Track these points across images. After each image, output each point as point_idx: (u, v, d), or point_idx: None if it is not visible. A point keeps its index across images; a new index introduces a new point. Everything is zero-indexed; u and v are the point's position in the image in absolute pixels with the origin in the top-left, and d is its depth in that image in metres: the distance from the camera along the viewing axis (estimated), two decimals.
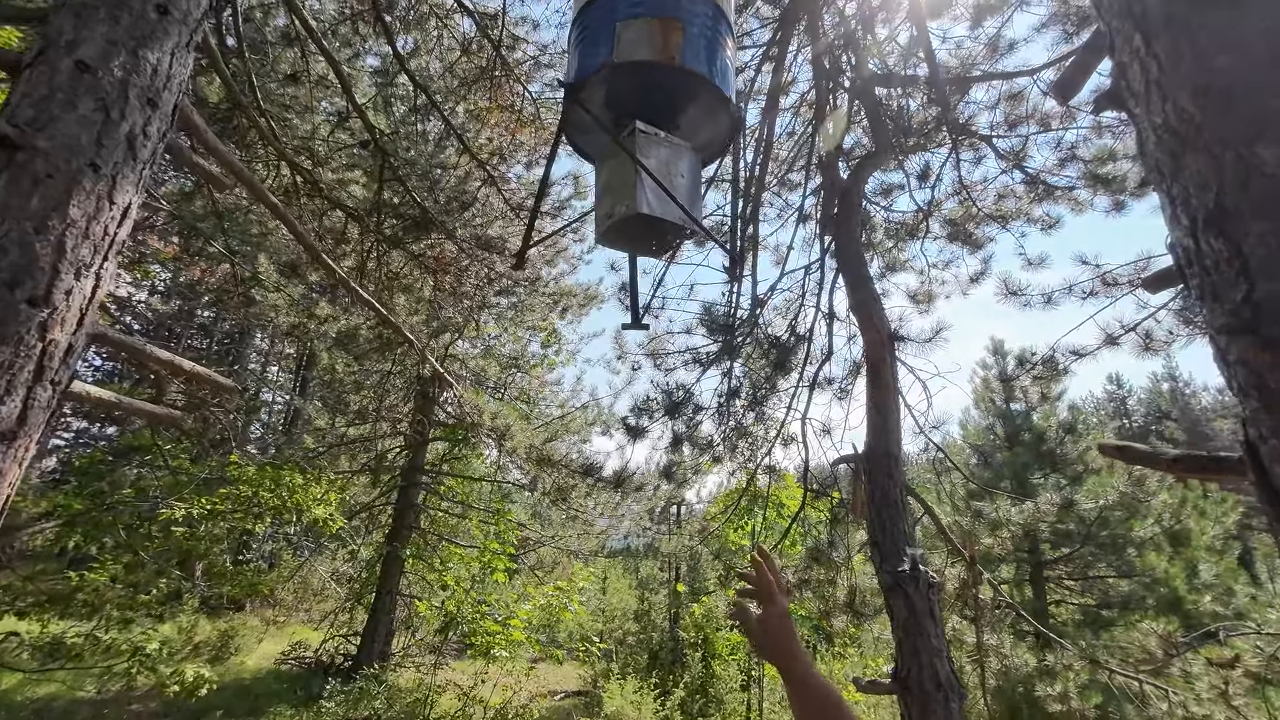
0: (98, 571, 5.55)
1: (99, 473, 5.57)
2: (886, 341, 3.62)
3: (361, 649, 7.78)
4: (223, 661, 7.96)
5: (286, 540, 12.82)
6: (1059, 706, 4.33)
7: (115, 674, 5.51)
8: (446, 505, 9.19)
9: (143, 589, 5.50)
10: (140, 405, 2.39)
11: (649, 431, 4.76)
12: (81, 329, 1.93)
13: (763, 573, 1.09)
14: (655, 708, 7.30)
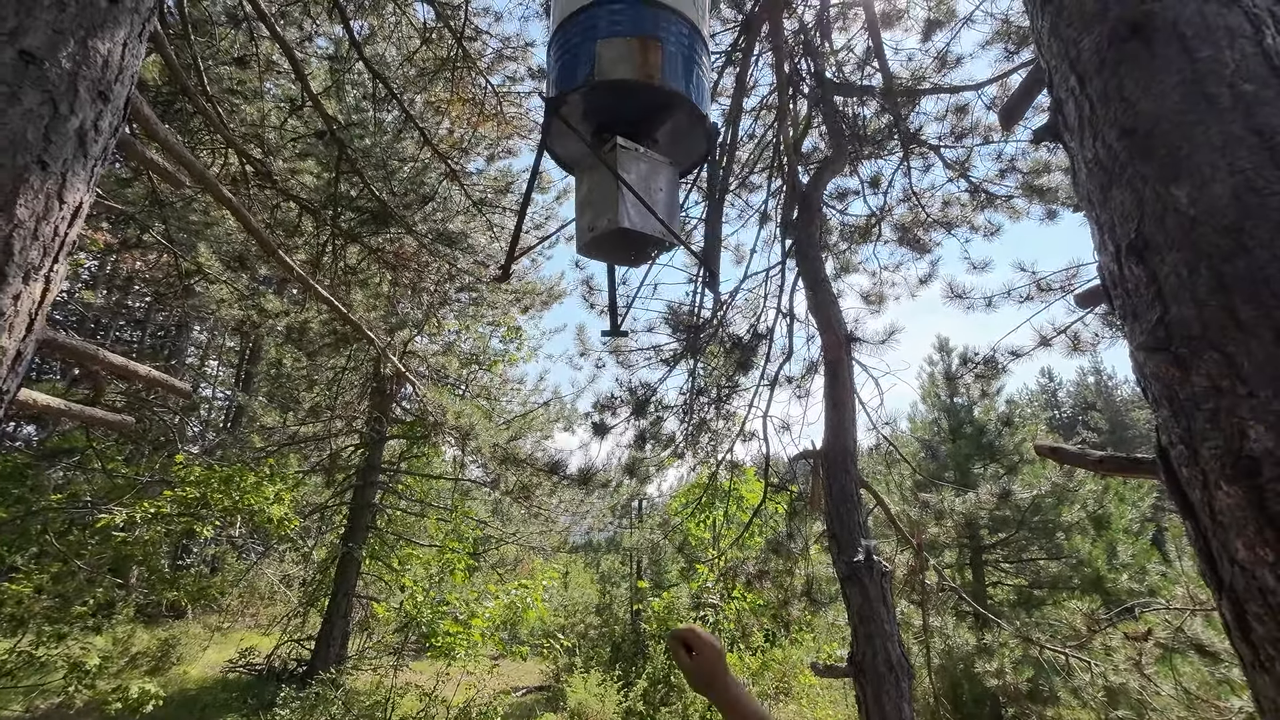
0: (20, 583, 5.18)
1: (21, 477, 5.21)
2: (844, 343, 3.79)
3: (316, 654, 7.56)
4: (164, 672, 7.58)
5: (230, 543, 12.24)
6: (995, 681, 4.67)
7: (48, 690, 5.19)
8: (405, 504, 9.00)
9: (74, 599, 5.19)
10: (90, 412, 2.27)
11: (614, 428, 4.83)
12: (31, 335, 1.83)
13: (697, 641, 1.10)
14: (618, 699, 7.42)
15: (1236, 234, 1.12)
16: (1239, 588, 1.18)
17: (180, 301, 8.99)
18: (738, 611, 4.65)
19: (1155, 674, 4.02)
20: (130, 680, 4.60)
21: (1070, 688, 4.72)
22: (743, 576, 4.60)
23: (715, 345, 4.80)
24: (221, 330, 16.40)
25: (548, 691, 8.93)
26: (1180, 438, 1.35)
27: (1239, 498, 1.10)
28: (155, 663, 7.73)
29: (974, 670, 4.95)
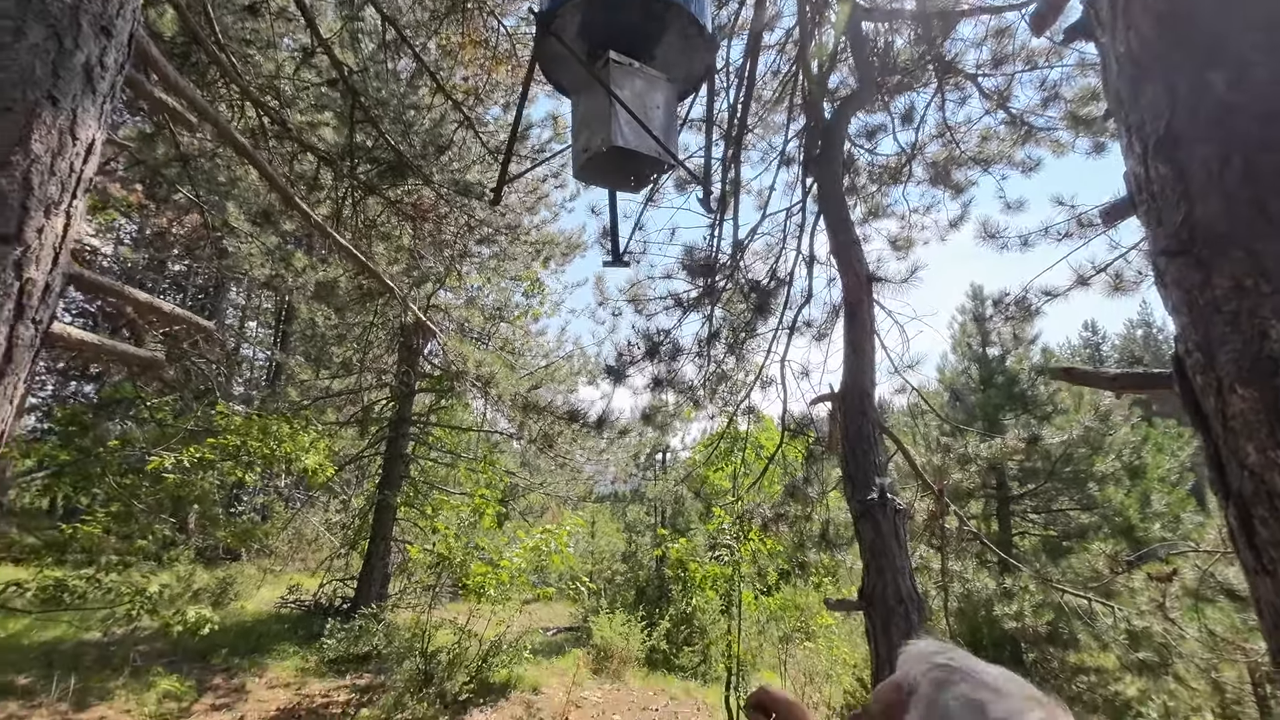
0: (90, 524, 5.64)
1: (83, 425, 5.56)
2: (865, 284, 3.68)
3: (359, 592, 8.06)
4: (223, 606, 8.20)
5: (277, 493, 12.98)
6: (1014, 624, 4.69)
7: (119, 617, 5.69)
8: (435, 455, 9.33)
9: (137, 537, 5.60)
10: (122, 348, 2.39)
11: (630, 376, 4.84)
12: (57, 268, 1.92)
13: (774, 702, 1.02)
14: (642, 638, 7.74)
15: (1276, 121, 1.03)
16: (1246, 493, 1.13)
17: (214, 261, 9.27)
18: (753, 553, 4.73)
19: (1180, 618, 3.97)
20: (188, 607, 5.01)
21: (1091, 631, 4.71)
22: (759, 520, 4.66)
23: (733, 289, 4.73)
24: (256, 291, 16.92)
25: (576, 632, 9.38)
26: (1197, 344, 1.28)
27: (1253, 400, 1.05)
28: (215, 598, 8.35)
29: (993, 614, 4.97)
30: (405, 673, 5.54)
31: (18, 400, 1.98)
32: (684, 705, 6.24)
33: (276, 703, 5.20)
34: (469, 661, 5.89)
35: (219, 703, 5.09)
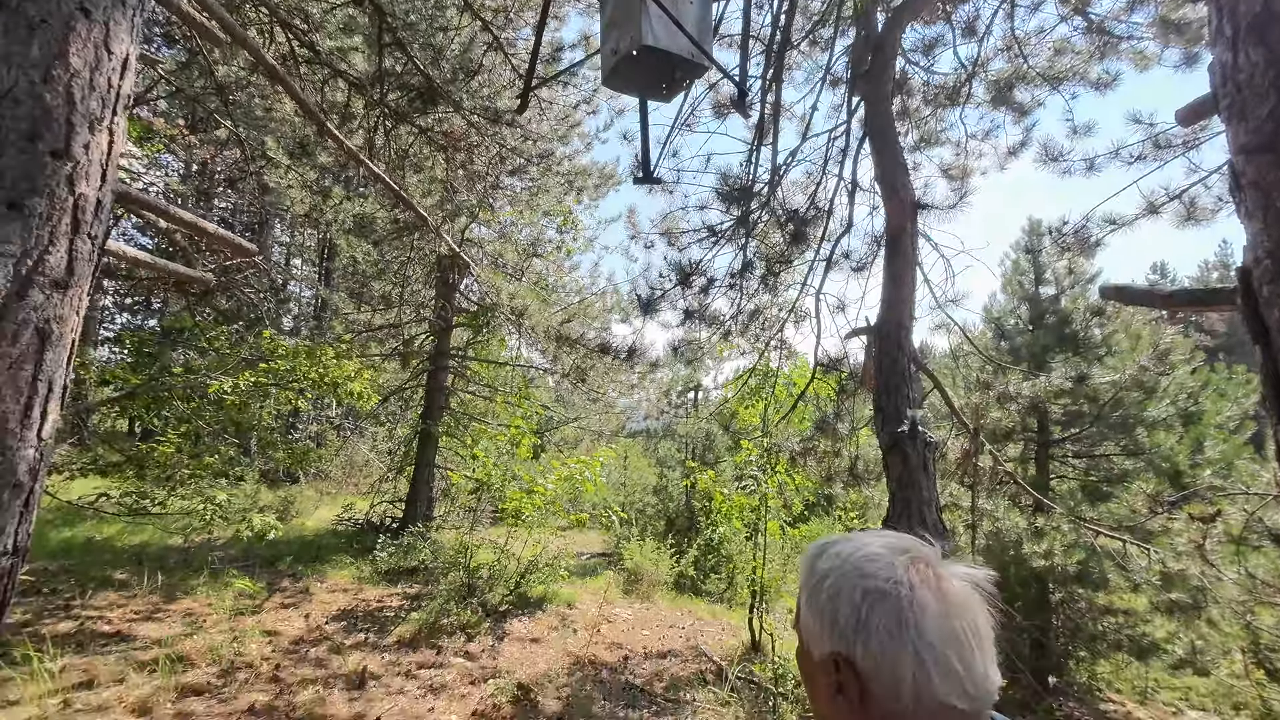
0: (164, 445, 6.15)
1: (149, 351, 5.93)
2: (910, 210, 3.49)
3: (406, 513, 8.64)
4: (285, 522, 8.93)
5: (329, 422, 13.78)
6: (1043, 562, 4.68)
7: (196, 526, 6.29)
8: (474, 389, 9.66)
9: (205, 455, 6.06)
10: (174, 267, 2.51)
11: (661, 311, 4.81)
12: (106, 185, 1.99)
13: None
14: (671, 564, 8.11)
15: None
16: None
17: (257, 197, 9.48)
18: (780, 486, 4.80)
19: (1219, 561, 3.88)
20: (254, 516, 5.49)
21: (1124, 573, 4.67)
22: (786, 454, 4.70)
23: (769, 219, 4.56)
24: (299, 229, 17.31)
25: (608, 557, 9.88)
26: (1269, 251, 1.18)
27: None
28: (279, 514, 9.10)
29: (1022, 553, 4.96)
30: (450, 584, 5.99)
31: (82, 311, 2.11)
32: (709, 624, 6.58)
33: (337, 604, 5.73)
34: (508, 577, 6.31)
35: (287, 602, 5.64)
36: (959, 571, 0.68)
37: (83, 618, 4.54)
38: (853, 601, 0.66)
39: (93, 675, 3.57)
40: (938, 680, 0.61)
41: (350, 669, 4.18)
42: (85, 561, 5.91)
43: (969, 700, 0.62)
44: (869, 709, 0.64)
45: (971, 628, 0.64)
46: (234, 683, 3.79)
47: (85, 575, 5.45)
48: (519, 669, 4.64)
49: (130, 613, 4.79)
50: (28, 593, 4.95)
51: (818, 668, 0.69)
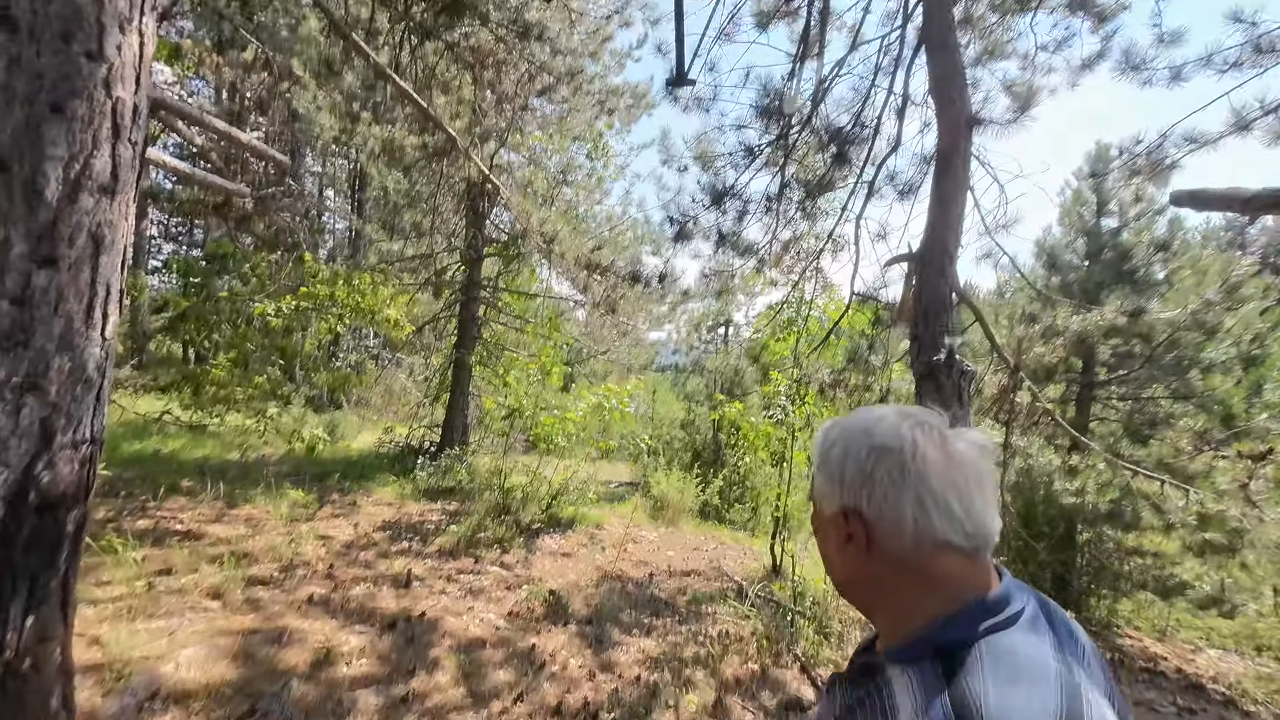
0: (217, 369, 6.50)
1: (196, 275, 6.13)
2: (964, 126, 3.25)
3: (443, 438, 9.03)
4: (331, 444, 9.46)
5: (367, 352, 14.28)
6: (1074, 500, 4.63)
7: (252, 443, 6.73)
8: (505, 320, 9.80)
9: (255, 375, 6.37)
10: (212, 178, 2.54)
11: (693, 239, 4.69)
12: (140, 89, 1.99)
13: None
14: (696, 493, 8.36)
15: None
16: None
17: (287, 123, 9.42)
18: (808, 416, 4.80)
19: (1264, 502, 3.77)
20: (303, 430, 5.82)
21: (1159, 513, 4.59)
22: (816, 385, 4.66)
23: (810, 138, 4.31)
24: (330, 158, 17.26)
25: (635, 486, 10.23)
26: None
27: None
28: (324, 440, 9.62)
29: (1053, 490, 4.92)
30: (485, 502, 6.32)
31: (130, 219, 2.16)
32: (732, 549, 6.84)
33: (382, 516, 6.13)
34: (540, 499, 6.62)
35: (336, 512, 6.06)
36: (966, 434, 0.71)
37: (158, 517, 4.98)
38: (859, 459, 0.72)
39: (170, 565, 3.96)
40: (937, 521, 0.66)
41: (396, 571, 4.52)
42: (155, 470, 6.41)
43: (967, 539, 0.67)
44: (873, 553, 0.70)
45: (974, 478, 0.68)
46: (293, 577, 4.15)
47: (156, 482, 5.92)
48: (550, 579, 4.93)
49: (198, 515, 5.22)
50: (108, 494, 5.42)
51: (829, 523, 0.76)
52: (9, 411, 1.77)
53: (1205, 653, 6.17)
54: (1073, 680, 0.60)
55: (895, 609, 0.70)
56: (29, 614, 1.83)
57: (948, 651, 0.63)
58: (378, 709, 2.81)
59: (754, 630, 4.28)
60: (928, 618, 0.67)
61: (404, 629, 3.62)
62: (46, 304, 1.84)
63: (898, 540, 0.68)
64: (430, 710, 2.88)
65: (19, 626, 1.80)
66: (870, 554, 0.71)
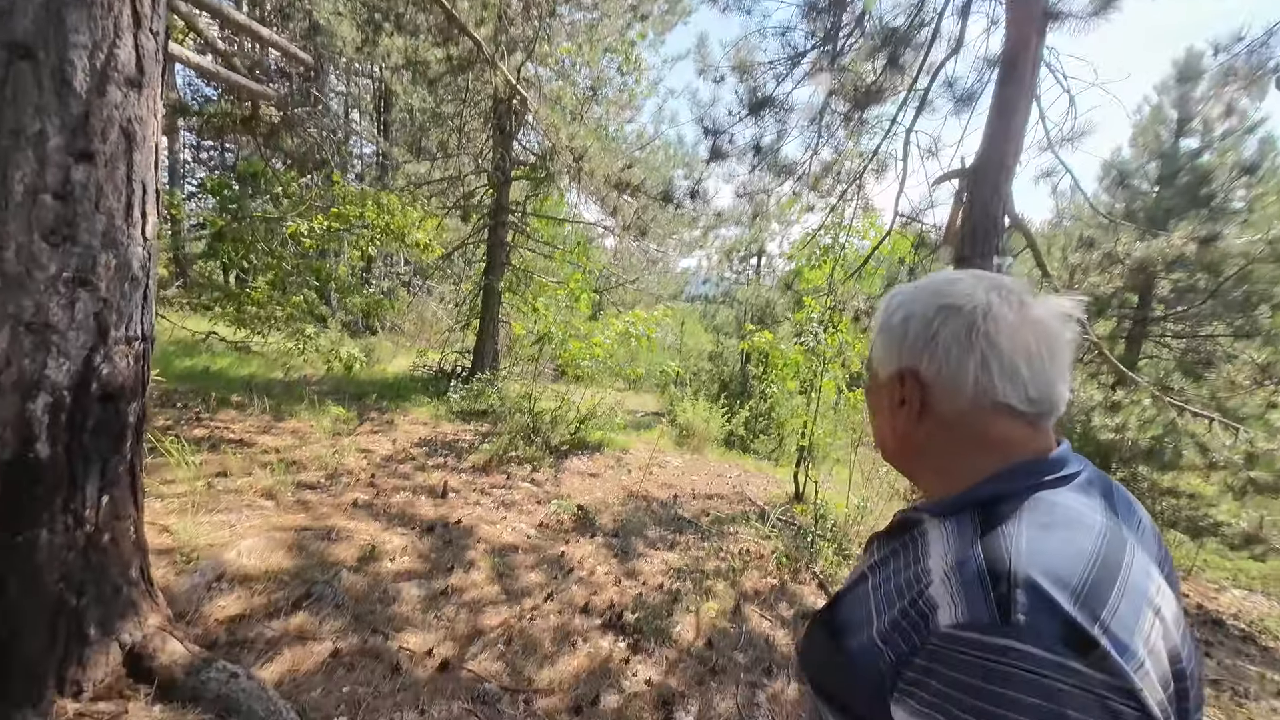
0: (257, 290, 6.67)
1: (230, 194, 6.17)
2: (1037, 20, 2.91)
3: (474, 364, 9.24)
4: (368, 367, 9.78)
5: (399, 279, 14.45)
6: (1112, 435, 4.51)
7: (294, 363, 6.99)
8: (533, 245, 9.71)
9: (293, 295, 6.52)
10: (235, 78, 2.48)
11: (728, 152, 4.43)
12: None
13: None
14: (722, 423, 8.46)
15: None
16: None
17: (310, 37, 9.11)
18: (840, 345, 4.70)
19: None
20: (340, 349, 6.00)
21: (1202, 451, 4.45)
22: (851, 311, 4.53)
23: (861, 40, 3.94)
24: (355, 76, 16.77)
25: (661, 416, 10.40)
26: None
27: None
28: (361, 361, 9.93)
29: (1091, 426, 4.79)
30: (516, 424, 6.51)
31: (159, 116, 2.13)
32: (755, 477, 6.97)
33: (418, 434, 6.40)
34: (568, 423, 6.78)
35: (375, 429, 6.34)
36: (1048, 300, 0.66)
37: (211, 427, 5.29)
38: (925, 318, 0.68)
39: (226, 468, 4.24)
40: (1000, 382, 0.63)
41: (433, 482, 4.76)
42: (206, 385, 6.75)
43: (1030, 404, 0.63)
44: (926, 417, 0.68)
45: (1048, 343, 0.63)
46: (338, 484, 4.41)
47: (208, 396, 6.25)
48: (578, 496, 5.13)
49: (248, 427, 5.53)
50: (165, 404, 5.77)
51: (882, 388, 0.73)
52: (64, 305, 1.84)
53: (1229, 592, 6.17)
54: (1118, 535, 0.57)
55: (943, 471, 0.68)
56: (103, 494, 1.97)
57: (989, 505, 0.61)
58: (420, 599, 3.03)
59: (774, 549, 4.42)
60: (976, 478, 0.64)
61: (442, 533, 3.85)
62: (87, 199, 1.86)
63: (954, 402, 0.65)
64: (468, 603, 3.09)
65: (95, 504, 1.95)
66: (922, 417, 0.69)
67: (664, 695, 2.59)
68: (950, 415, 0.66)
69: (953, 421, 0.66)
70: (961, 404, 0.65)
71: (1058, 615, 0.48)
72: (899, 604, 0.60)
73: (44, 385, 1.80)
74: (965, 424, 0.66)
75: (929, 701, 0.51)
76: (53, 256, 1.80)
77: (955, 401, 0.65)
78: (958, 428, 0.66)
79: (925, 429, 0.69)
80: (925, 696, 0.52)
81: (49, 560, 1.83)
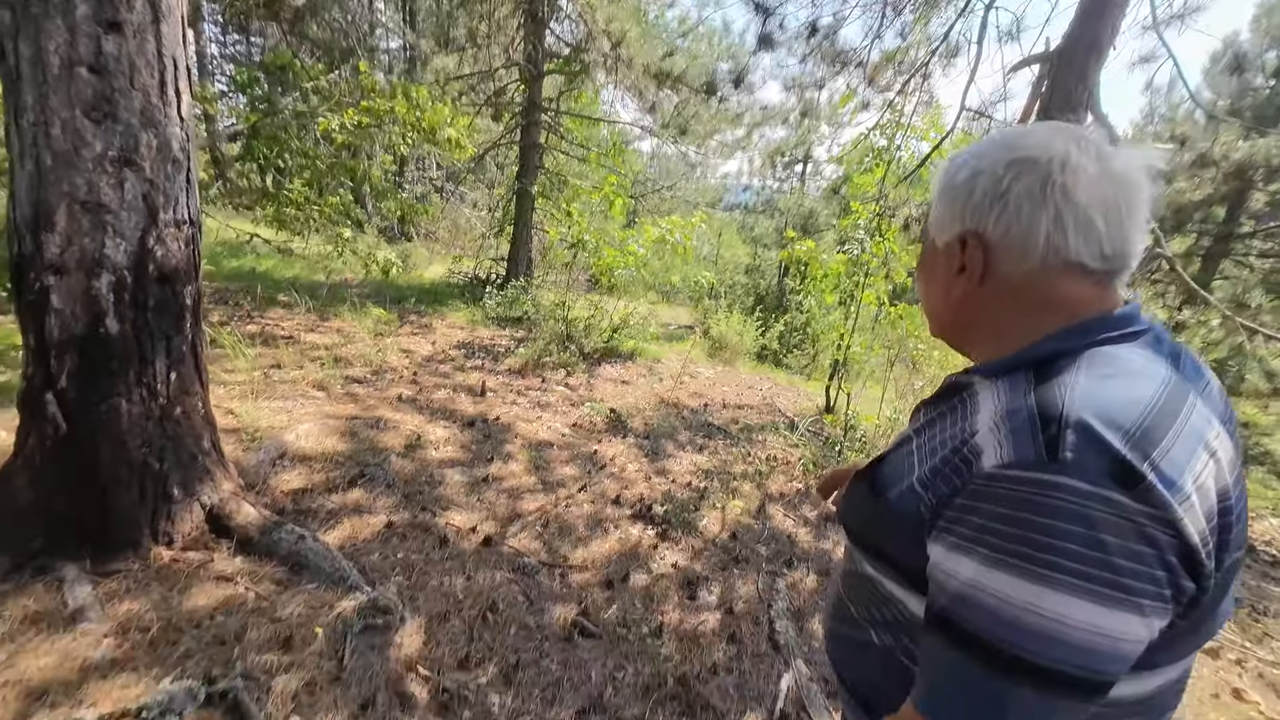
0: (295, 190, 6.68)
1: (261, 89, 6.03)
2: None
3: (508, 271, 9.25)
4: (405, 272, 9.91)
5: (432, 184, 14.25)
6: None
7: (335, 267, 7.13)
8: (567, 147, 9.33)
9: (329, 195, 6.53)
10: None
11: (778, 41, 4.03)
12: None
13: None
14: (755, 336, 8.39)
15: None
16: None
17: None
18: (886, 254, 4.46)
19: None
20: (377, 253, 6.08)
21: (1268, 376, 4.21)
22: (901, 219, 4.27)
23: None
24: None
25: (694, 329, 10.37)
26: None
27: None
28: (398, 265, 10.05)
29: None
30: (550, 330, 6.60)
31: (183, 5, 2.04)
32: (786, 390, 7.00)
33: (455, 337, 6.58)
34: (601, 330, 6.84)
35: (414, 331, 6.54)
36: (1130, 151, 0.61)
37: (262, 324, 5.53)
38: (995, 175, 0.62)
39: (279, 361, 4.47)
40: (1073, 238, 0.59)
41: (472, 382, 4.94)
42: (253, 285, 7.00)
43: (1103, 261, 0.59)
44: (987, 282, 0.64)
45: (1128, 196, 0.58)
46: (383, 380, 4.62)
47: (257, 295, 6.49)
48: (611, 400, 5.27)
49: (296, 324, 5.76)
50: (218, 301, 6.03)
51: (940, 256, 0.69)
52: (113, 185, 1.87)
53: (1267, 520, 6.08)
54: (1181, 388, 0.55)
55: (1001, 338, 0.65)
56: (171, 371, 2.11)
57: (1047, 362, 0.58)
58: (463, 484, 3.25)
59: (801, 457, 4.51)
60: (1036, 339, 0.61)
61: (481, 428, 4.04)
62: (121, 74, 1.83)
63: (1021, 264, 0.62)
64: (507, 489, 3.30)
65: (165, 379, 2.09)
66: (984, 283, 0.65)
67: (689, 577, 2.77)
68: (1015, 278, 0.62)
69: (1017, 284, 0.63)
70: (1028, 265, 0.61)
71: (1107, 453, 0.48)
72: (941, 454, 0.59)
73: (105, 265, 1.88)
74: (1030, 286, 0.62)
75: (968, 535, 0.52)
76: (96, 134, 1.81)
77: (1022, 263, 0.61)
78: (1022, 291, 0.63)
79: (985, 295, 0.65)
80: (964, 531, 0.52)
81: (130, 427, 2.00)
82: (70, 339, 1.87)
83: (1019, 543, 0.48)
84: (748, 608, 2.64)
